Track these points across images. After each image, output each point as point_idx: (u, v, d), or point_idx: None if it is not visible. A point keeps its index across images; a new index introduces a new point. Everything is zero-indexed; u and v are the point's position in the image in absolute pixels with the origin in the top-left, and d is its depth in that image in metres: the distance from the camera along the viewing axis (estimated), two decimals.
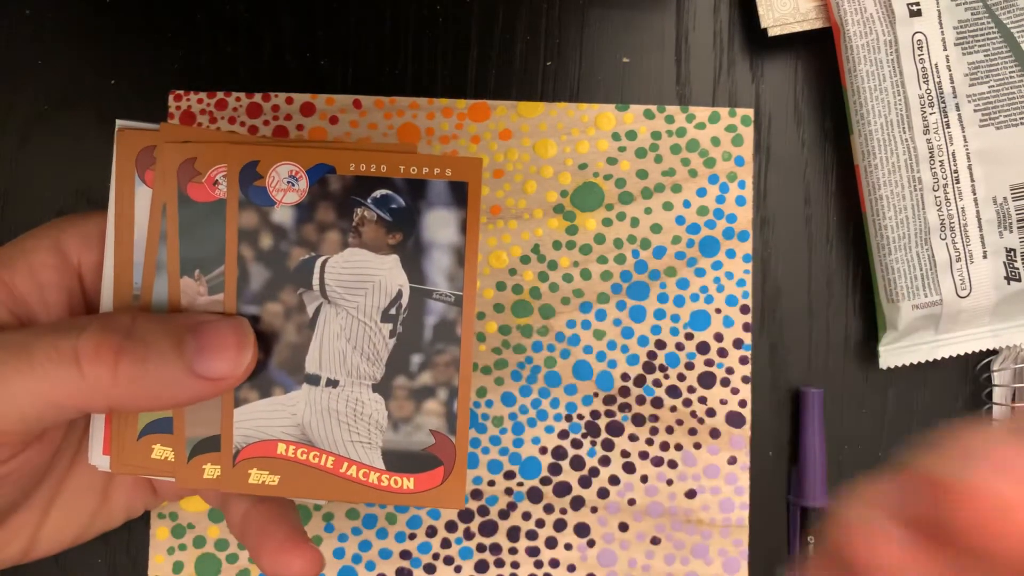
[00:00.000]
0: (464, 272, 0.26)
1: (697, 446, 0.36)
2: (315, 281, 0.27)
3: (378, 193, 0.26)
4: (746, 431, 0.36)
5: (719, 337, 0.36)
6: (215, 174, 0.27)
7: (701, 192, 0.37)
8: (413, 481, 0.27)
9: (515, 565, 0.36)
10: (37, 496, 0.29)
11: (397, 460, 0.27)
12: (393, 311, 0.27)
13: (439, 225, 0.26)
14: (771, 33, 0.36)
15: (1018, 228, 0.34)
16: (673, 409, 0.36)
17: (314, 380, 0.27)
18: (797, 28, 0.36)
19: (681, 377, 0.36)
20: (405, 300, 0.26)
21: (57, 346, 0.25)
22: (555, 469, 0.36)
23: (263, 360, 0.27)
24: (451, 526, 0.36)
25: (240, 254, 0.27)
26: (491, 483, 0.36)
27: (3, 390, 0.25)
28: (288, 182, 0.27)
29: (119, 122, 0.28)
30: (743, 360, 0.36)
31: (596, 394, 0.36)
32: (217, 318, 0.27)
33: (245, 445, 0.27)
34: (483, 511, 0.36)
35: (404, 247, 0.27)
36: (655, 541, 0.36)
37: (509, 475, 0.36)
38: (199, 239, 0.27)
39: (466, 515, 0.36)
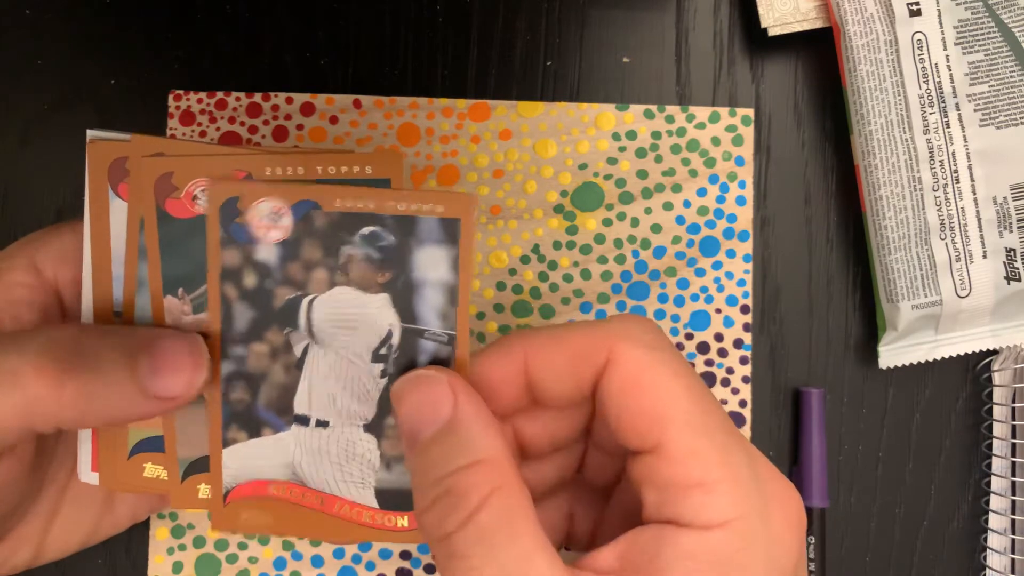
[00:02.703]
0: (457, 311, 0.25)
1: None
2: (302, 321, 0.26)
3: (366, 230, 0.25)
4: (746, 431, 0.36)
5: (719, 337, 0.36)
6: (193, 189, 0.26)
7: (701, 192, 0.37)
8: (407, 519, 0.26)
9: None
10: (40, 506, 0.29)
11: (391, 499, 0.27)
12: (384, 351, 0.26)
13: (430, 263, 0.25)
14: (771, 33, 0.36)
15: (1018, 228, 0.34)
16: None
17: (304, 421, 0.26)
18: (797, 28, 0.36)
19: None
20: (396, 339, 0.25)
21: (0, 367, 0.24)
22: None
23: (250, 401, 0.26)
24: None
25: (223, 293, 0.26)
26: None
27: None
28: (271, 219, 0.25)
29: (90, 132, 0.27)
30: (743, 360, 0.36)
31: None
32: (171, 333, 0.26)
33: (235, 485, 0.27)
34: None
35: (394, 285, 0.25)
36: None
37: None
38: (180, 256, 0.26)
39: None
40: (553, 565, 0.21)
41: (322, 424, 0.26)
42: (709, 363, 0.36)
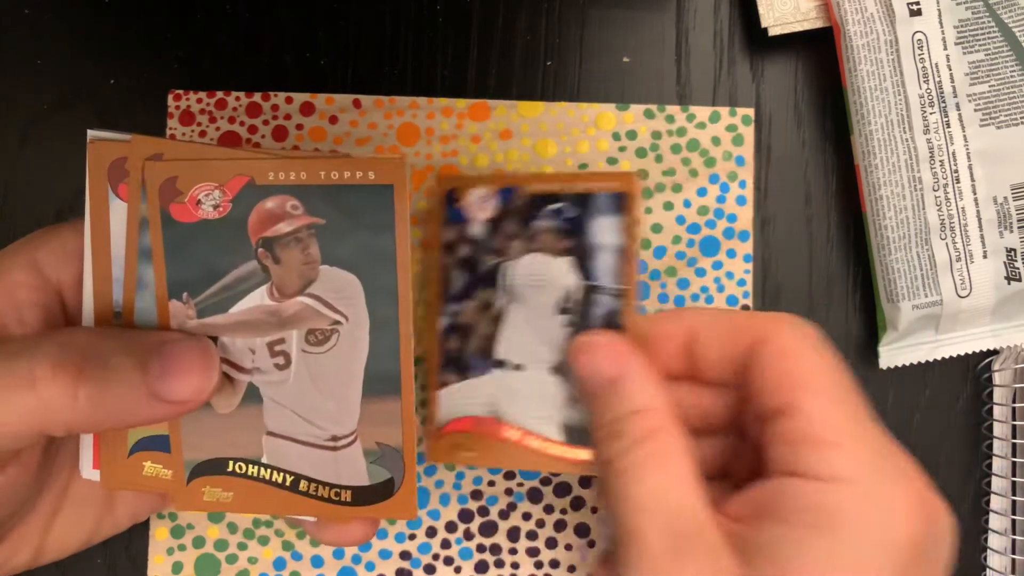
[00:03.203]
0: (626, 268, 0.29)
1: None
2: (502, 281, 0.31)
3: (553, 206, 0.30)
4: None
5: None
6: (197, 193, 0.26)
7: (701, 192, 0.37)
8: (589, 452, 0.30)
9: (515, 566, 0.36)
10: (41, 506, 0.29)
11: (575, 434, 0.30)
12: (568, 304, 0.30)
13: (604, 230, 0.29)
14: (771, 33, 0.36)
15: (1018, 228, 0.34)
16: None
17: (502, 365, 0.31)
18: (797, 28, 0.36)
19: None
20: (578, 295, 0.30)
21: (12, 369, 0.24)
22: None
23: (461, 349, 0.31)
24: (451, 526, 0.36)
25: (443, 263, 0.31)
26: (491, 483, 0.36)
27: None
28: (481, 201, 0.31)
29: (90, 133, 0.27)
30: None
31: None
32: (182, 337, 0.26)
33: (449, 420, 0.31)
34: (483, 511, 0.36)
35: (575, 250, 0.30)
36: None
37: (509, 475, 0.36)
38: (185, 261, 0.27)
39: (466, 515, 0.36)
40: (702, 500, 0.24)
41: (517, 367, 0.30)
42: None
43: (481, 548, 0.36)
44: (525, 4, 0.38)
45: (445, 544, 0.36)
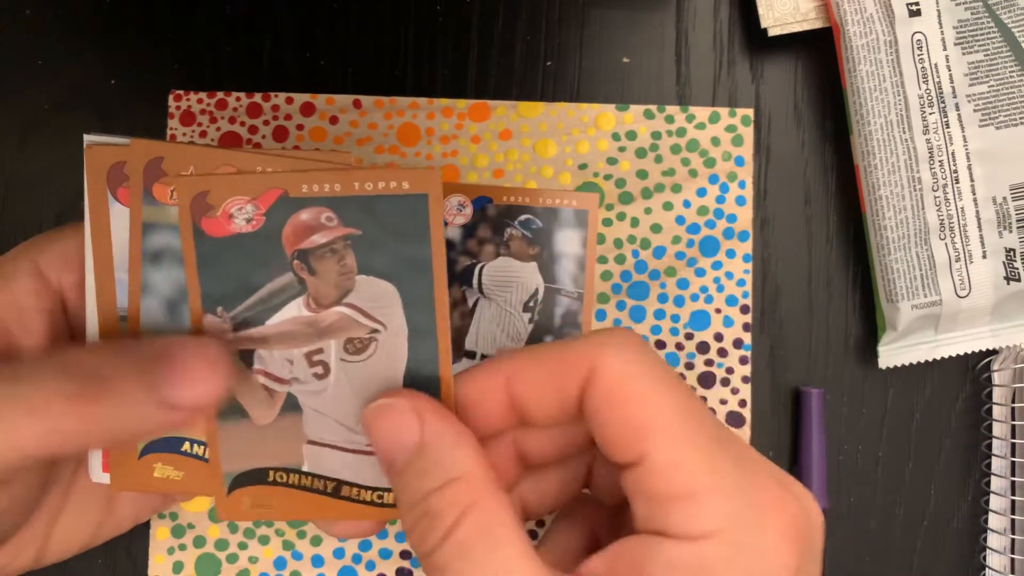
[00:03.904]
0: (585, 275, 0.33)
1: None
2: (475, 281, 0.34)
3: (523, 217, 0.34)
4: (746, 431, 0.36)
5: (719, 337, 0.36)
6: (230, 207, 0.26)
7: (701, 192, 0.37)
8: None
9: None
10: (43, 509, 0.29)
11: None
12: (532, 304, 0.34)
13: (566, 241, 0.34)
14: (771, 33, 0.36)
15: (1018, 228, 0.34)
16: None
17: (472, 355, 0.34)
18: (797, 28, 0.36)
19: (681, 377, 0.36)
20: (540, 295, 0.34)
21: (16, 397, 0.24)
22: None
23: None
24: None
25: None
26: None
27: None
28: (458, 208, 0.34)
29: (87, 137, 0.27)
30: (743, 360, 0.36)
31: None
32: (187, 342, 0.25)
33: None
34: None
35: (541, 257, 0.34)
36: None
37: None
38: (218, 275, 0.26)
39: None
40: (537, 571, 0.21)
41: (484, 357, 0.34)
42: (709, 363, 0.36)
43: None
44: (525, 4, 0.38)
45: None
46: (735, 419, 0.36)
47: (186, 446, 0.28)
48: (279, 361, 0.27)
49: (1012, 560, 0.35)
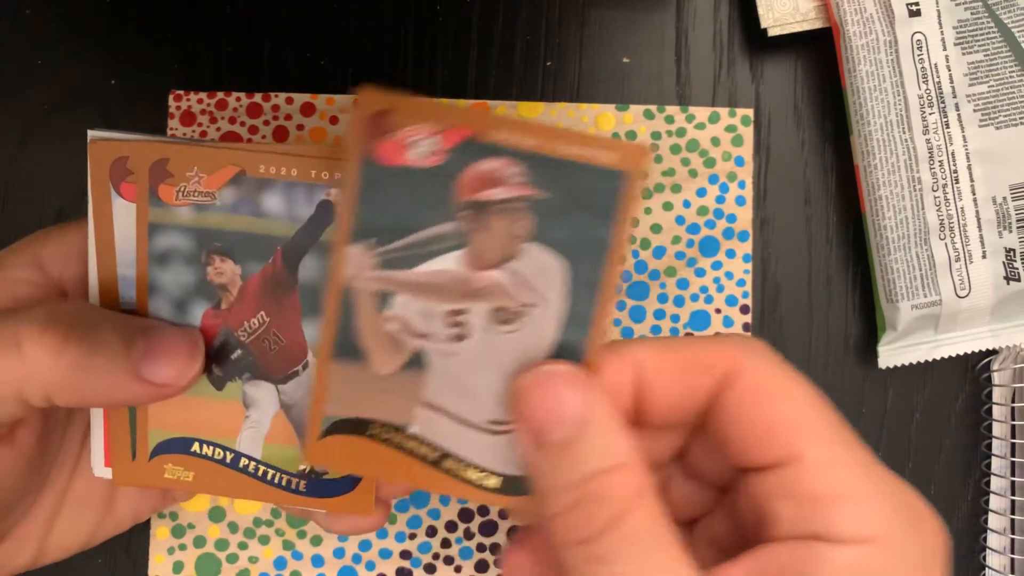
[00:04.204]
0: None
1: None
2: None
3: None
4: None
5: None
6: (410, 136, 0.23)
7: (701, 192, 0.37)
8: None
9: None
10: (41, 506, 0.29)
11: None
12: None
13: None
14: (771, 33, 0.36)
15: (1017, 228, 0.34)
16: None
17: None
18: (797, 28, 0.36)
19: None
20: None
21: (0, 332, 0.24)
22: None
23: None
24: (451, 526, 0.36)
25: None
26: None
27: None
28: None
29: (91, 133, 0.27)
30: None
31: None
32: (170, 325, 0.26)
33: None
34: (483, 511, 0.36)
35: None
36: None
37: None
38: (377, 206, 0.24)
39: (466, 515, 0.36)
40: (696, 574, 0.20)
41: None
42: None
43: (481, 547, 0.36)
44: (525, 4, 0.38)
45: (445, 543, 0.36)
46: None
47: (195, 447, 0.28)
48: (418, 312, 0.24)
49: (1012, 560, 0.36)
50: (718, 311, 0.36)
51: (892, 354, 0.36)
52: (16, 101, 0.37)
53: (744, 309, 0.37)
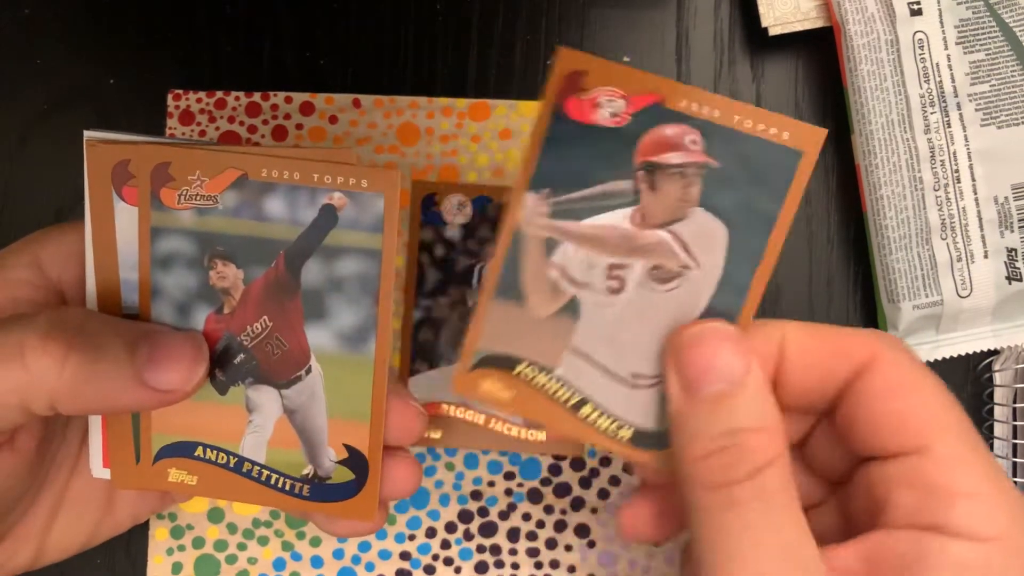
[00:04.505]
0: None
1: None
2: (475, 281, 0.35)
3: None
4: None
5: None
6: (600, 95, 0.25)
7: None
8: (544, 435, 0.34)
9: (515, 566, 0.36)
10: (40, 506, 0.29)
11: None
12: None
13: None
14: (772, 32, 0.36)
15: (1019, 228, 0.34)
16: None
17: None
18: (798, 27, 0.36)
19: None
20: None
21: (1, 340, 0.24)
22: (555, 470, 0.36)
23: (434, 340, 0.35)
24: (451, 527, 0.36)
25: (419, 261, 0.36)
26: (491, 484, 0.36)
27: None
28: (458, 207, 0.35)
29: (87, 134, 0.27)
30: None
31: None
32: (173, 330, 0.26)
33: (424, 403, 0.33)
34: (483, 512, 0.36)
35: None
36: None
37: (509, 476, 0.36)
38: (559, 159, 0.25)
39: (466, 516, 0.36)
40: (816, 550, 0.21)
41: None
42: None
43: (481, 548, 0.36)
44: (525, 4, 0.38)
45: (445, 544, 0.36)
46: None
47: (199, 451, 0.28)
48: (580, 262, 0.26)
49: None
50: None
51: None
52: (16, 101, 0.37)
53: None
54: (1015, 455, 0.36)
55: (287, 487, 0.28)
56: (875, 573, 0.21)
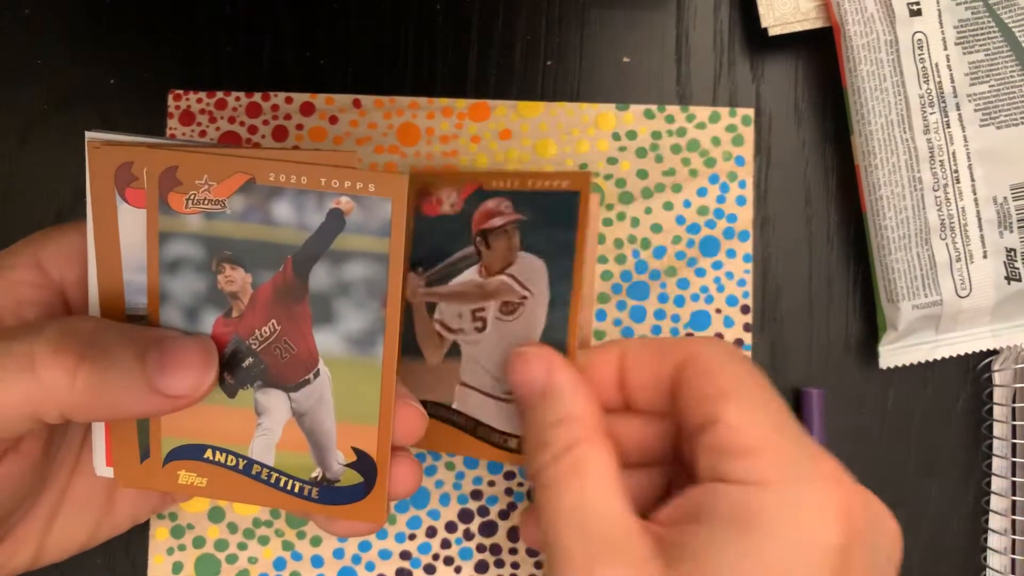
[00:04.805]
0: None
1: None
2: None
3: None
4: None
5: (719, 337, 0.36)
6: (442, 196, 0.33)
7: (701, 192, 0.37)
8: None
9: (515, 566, 0.36)
10: (40, 506, 0.29)
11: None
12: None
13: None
14: (771, 32, 0.36)
15: (1018, 228, 0.34)
16: None
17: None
18: (797, 27, 0.36)
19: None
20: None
21: (11, 350, 0.24)
22: None
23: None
24: (451, 526, 0.36)
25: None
26: (491, 483, 0.36)
27: None
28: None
29: (89, 135, 0.26)
30: None
31: None
32: (183, 335, 0.26)
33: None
34: (483, 511, 0.36)
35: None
36: None
37: (509, 475, 0.36)
38: (424, 244, 0.33)
39: (466, 515, 0.36)
40: (624, 506, 0.25)
41: None
42: None
43: (481, 548, 0.36)
44: (525, 4, 0.38)
45: (445, 544, 0.36)
46: None
47: (208, 453, 0.28)
48: (452, 314, 0.32)
49: (1013, 560, 0.35)
50: (718, 311, 0.36)
51: (893, 354, 0.36)
52: (16, 101, 0.37)
53: (744, 309, 0.36)
54: (1014, 455, 0.36)
55: (296, 489, 0.28)
56: (683, 519, 0.25)
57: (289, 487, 0.28)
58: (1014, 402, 0.36)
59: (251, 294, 0.27)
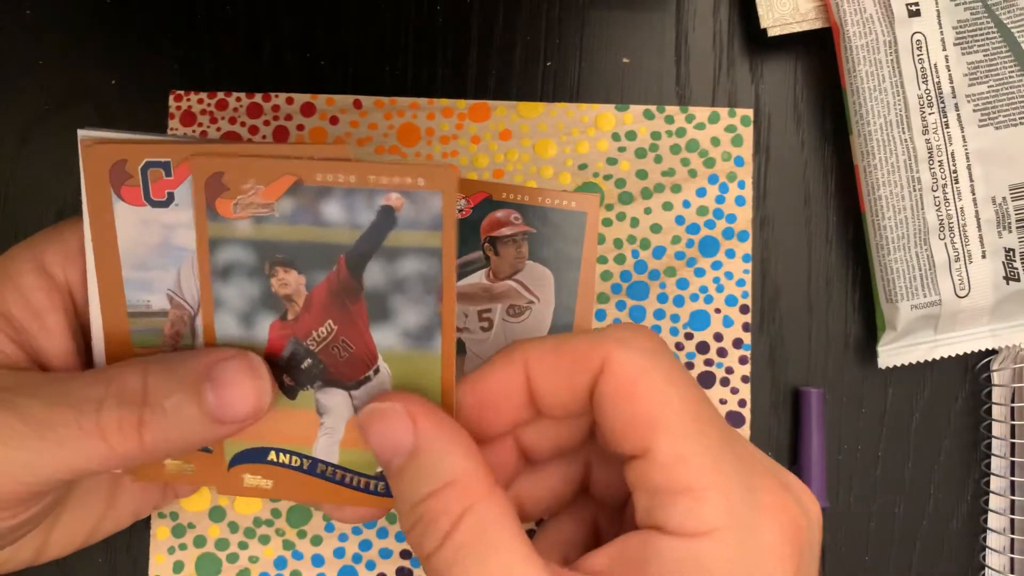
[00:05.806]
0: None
1: None
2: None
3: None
4: (746, 431, 0.36)
5: (719, 337, 0.36)
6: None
7: (701, 192, 0.37)
8: None
9: None
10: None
11: None
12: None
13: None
14: (771, 33, 0.36)
15: (1017, 228, 0.34)
16: None
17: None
18: (797, 28, 0.36)
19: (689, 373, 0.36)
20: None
21: (81, 424, 0.24)
22: None
23: None
24: None
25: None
26: None
27: (25, 460, 0.24)
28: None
29: (81, 133, 0.26)
30: (743, 360, 0.36)
31: None
32: (229, 356, 0.26)
33: None
34: None
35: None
36: None
37: None
38: None
39: None
40: (542, 569, 0.22)
41: None
42: (708, 363, 0.36)
43: None
44: (525, 4, 0.38)
45: None
46: (735, 419, 0.36)
47: (272, 455, 0.28)
48: (460, 313, 0.34)
49: (1012, 560, 0.36)
50: (718, 311, 0.36)
51: (892, 354, 0.36)
52: (16, 101, 0.37)
53: (744, 309, 0.37)
54: (1013, 455, 0.36)
55: (362, 485, 0.28)
56: (625, 570, 0.22)
57: (355, 483, 0.28)
58: (1013, 402, 0.36)
59: (305, 296, 0.27)
